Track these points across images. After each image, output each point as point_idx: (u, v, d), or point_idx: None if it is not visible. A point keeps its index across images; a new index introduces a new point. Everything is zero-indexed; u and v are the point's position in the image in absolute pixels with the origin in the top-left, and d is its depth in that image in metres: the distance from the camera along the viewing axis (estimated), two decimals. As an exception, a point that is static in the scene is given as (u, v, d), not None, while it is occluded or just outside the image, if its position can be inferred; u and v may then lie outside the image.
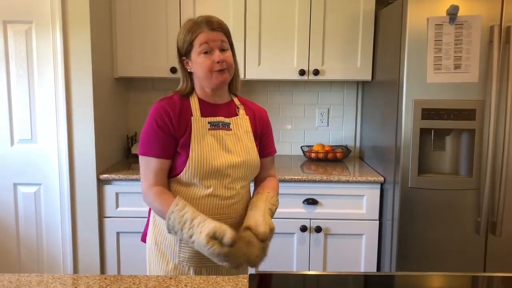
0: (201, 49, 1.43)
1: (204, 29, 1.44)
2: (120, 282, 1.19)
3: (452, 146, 2.29)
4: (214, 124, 1.50)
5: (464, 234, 2.25)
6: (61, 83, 2.37)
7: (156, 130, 1.45)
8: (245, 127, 1.56)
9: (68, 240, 2.48)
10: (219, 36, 1.46)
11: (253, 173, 1.58)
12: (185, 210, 1.36)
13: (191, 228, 1.32)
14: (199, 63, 1.45)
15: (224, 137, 1.50)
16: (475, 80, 2.16)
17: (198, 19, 1.48)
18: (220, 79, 1.46)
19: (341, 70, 2.75)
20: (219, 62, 1.44)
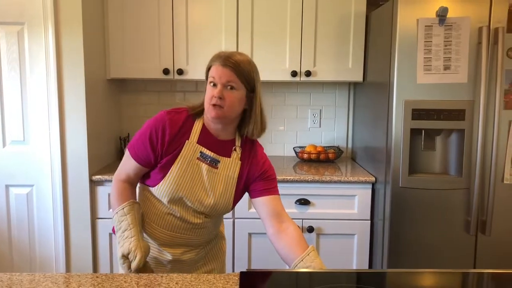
0: (209, 80, 1.46)
1: (217, 62, 1.44)
2: (111, 280, 1.20)
3: (442, 146, 2.32)
4: (204, 156, 1.49)
5: (454, 233, 2.28)
6: (53, 84, 2.37)
7: (146, 139, 1.48)
8: (230, 171, 1.51)
9: (60, 241, 2.48)
10: (227, 74, 1.42)
11: (220, 214, 1.58)
12: (125, 217, 1.46)
13: (120, 236, 1.44)
14: (206, 92, 1.48)
15: (207, 173, 1.49)
16: (464, 80, 2.18)
17: (223, 52, 1.48)
18: (212, 113, 1.44)
19: (333, 71, 2.77)
20: (215, 97, 1.42)
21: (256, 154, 1.56)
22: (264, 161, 1.57)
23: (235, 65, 1.43)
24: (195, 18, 2.72)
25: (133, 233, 1.43)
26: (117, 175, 1.54)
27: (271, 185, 1.55)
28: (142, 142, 1.48)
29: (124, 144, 2.97)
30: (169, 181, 1.46)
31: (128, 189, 1.52)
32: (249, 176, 1.54)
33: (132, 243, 1.41)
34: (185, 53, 2.72)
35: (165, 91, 3.10)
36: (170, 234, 1.53)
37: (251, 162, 1.55)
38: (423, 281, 1.29)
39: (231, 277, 1.23)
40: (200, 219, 1.52)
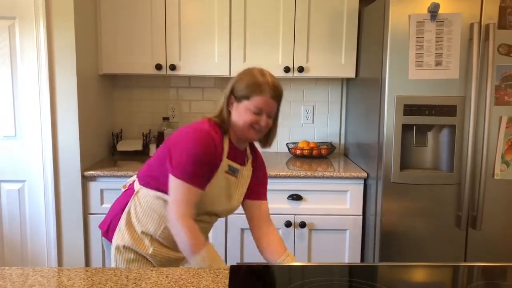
0: (254, 109, 1.48)
1: (267, 94, 1.48)
2: (101, 274, 1.20)
3: (433, 141, 2.33)
4: (231, 169, 1.56)
5: (446, 228, 2.29)
6: (45, 79, 2.36)
7: (204, 162, 1.45)
8: (246, 177, 1.62)
9: (52, 237, 2.47)
10: (274, 107, 1.51)
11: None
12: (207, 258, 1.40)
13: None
14: (243, 116, 1.49)
15: (232, 183, 1.58)
16: (456, 76, 2.19)
17: (265, 78, 1.49)
18: (254, 137, 1.53)
19: (326, 67, 2.77)
20: (260, 125, 1.50)
21: (259, 158, 1.70)
22: (265, 166, 1.73)
23: (280, 97, 1.53)
24: (188, 13, 2.71)
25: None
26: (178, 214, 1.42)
27: (265, 189, 1.71)
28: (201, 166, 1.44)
29: (116, 139, 2.96)
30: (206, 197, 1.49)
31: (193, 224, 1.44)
32: (254, 179, 1.66)
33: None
34: (178, 49, 2.72)
35: (158, 87, 3.09)
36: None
37: (258, 168, 1.68)
38: (415, 274, 1.30)
39: (221, 271, 1.24)
40: (214, 219, 1.63)
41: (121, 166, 2.61)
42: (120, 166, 2.60)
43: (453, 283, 1.26)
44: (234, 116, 1.52)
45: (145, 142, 2.97)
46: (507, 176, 2.25)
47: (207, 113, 3.10)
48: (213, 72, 2.76)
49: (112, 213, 1.65)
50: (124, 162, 2.74)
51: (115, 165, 2.63)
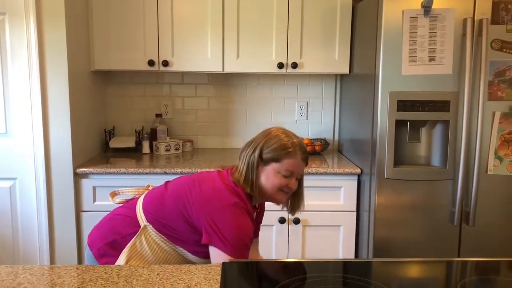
0: (285, 173, 1.47)
1: (298, 158, 1.48)
2: (91, 271, 1.18)
3: (427, 137, 2.33)
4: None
5: (439, 224, 2.29)
6: (35, 76, 2.33)
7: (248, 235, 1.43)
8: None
9: (44, 235, 2.45)
10: (303, 168, 1.53)
11: None
12: None
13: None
14: (272, 179, 1.48)
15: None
16: (449, 72, 2.19)
17: (292, 140, 1.49)
18: (283, 200, 1.54)
19: (319, 63, 2.76)
20: (291, 188, 1.50)
21: (262, 208, 1.71)
22: (264, 207, 1.72)
23: (308, 158, 1.54)
24: (181, 8, 2.69)
25: None
26: None
27: (259, 227, 1.72)
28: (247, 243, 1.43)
29: (109, 136, 2.94)
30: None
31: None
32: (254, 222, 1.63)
33: None
34: (171, 45, 2.70)
35: (151, 83, 3.07)
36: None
37: (260, 209, 1.69)
38: (409, 270, 1.30)
39: (213, 268, 1.23)
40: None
41: (114, 163, 2.59)
42: (112, 163, 2.58)
43: (446, 278, 1.25)
44: (263, 181, 1.50)
45: (138, 139, 2.95)
46: (500, 172, 2.25)
47: (200, 110, 3.10)
48: (206, 68, 2.74)
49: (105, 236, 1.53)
50: (116, 159, 2.72)
51: (108, 162, 2.61)
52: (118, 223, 1.54)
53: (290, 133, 1.52)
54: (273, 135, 1.50)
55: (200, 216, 1.42)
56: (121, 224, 1.53)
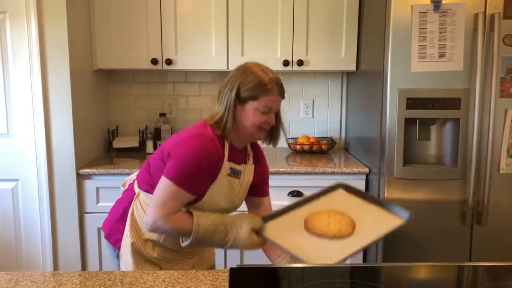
0: (263, 110, 1.45)
1: (275, 94, 1.46)
2: (94, 278, 1.14)
3: (437, 135, 2.27)
4: (233, 172, 1.51)
5: (450, 224, 2.24)
6: (37, 75, 2.29)
7: (204, 169, 1.41)
8: (248, 176, 1.58)
9: (47, 237, 2.41)
10: (280, 103, 1.50)
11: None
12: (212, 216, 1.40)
13: (224, 230, 1.38)
14: (251, 117, 1.46)
15: (235, 186, 1.53)
16: (460, 68, 2.13)
17: (269, 75, 1.46)
18: (261, 137, 1.53)
19: (325, 60, 2.71)
20: (269, 124, 1.49)
21: (260, 154, 1.67)
22: (266, 161, 1.70)
23: (284, 92, 1.51)
24: (184, 6, 2.64)
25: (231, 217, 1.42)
26: (163, 214, 1.38)
27: (267, 185, 1.69)
28: (199, 174, 1.41)
29: (112, 136, 2.90)
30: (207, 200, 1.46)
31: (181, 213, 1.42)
32: (255, 177, 1.61)
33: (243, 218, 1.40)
34: (174, 43, 2.65)
35: (155, 82, 3.02)
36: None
37: (259, 163, 1.64)
38: (419, 275, 1.25)
39: (220, 274, 1.18)
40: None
41: (117, 163, 2.55)
42: (116, 164, 2.54)
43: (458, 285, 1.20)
44: (242, 120, 1.47)
45: (142, 138, 2.91)
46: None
47: (204, 109, 3.05)
48: (210, 66, 2.69)
49: (113, 216, 1.63)
50: (120, 159, 2.68)
51: (111, 163, 2.57)
52: (121, 200, 1.64)
53: (266, 69, 1.48)
54: (249, 73, 1.45)
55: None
56: (123, 200, 1.62)
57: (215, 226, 1.37)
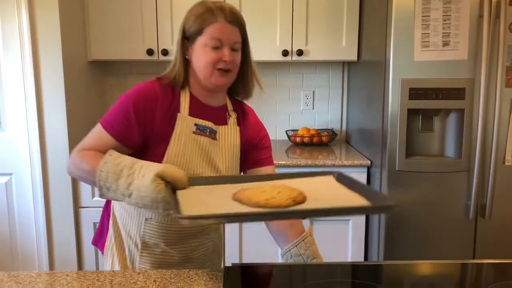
0: (212, 43, 1.23)
1: (221, 19, 1.23)
2: (83, 278, 1.09)
3: (440, 127, 2.21)
4: (201, 128, 1.29)
5: (453, 218, 2.18)
6: (29, 68, 2.23)
7: (130, 113, 1.22)
8: (232, 139, 1.36)
9: (42, 233, 2.36)
10: (235, 34, 1.26)
11: None
12: (122, 158, 1.14)
13: (130, 175, 1.09)
14: (202, 56, 1.25)
15: (211, 147, 1.30)
16: (465, 57, 2.07)
17: (215, 4, 1.26)
18: (221, 81, 1.26)
19: (326, 50, 2.64)
20: (224, 61, 1.24)
21: (249, 117, 1.44)
22: (260, 127, 1.46)
23: (240, 20, 1.27)
24: (180, -5, 2.57)
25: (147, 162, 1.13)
26: (77, 149, 1.26)
27: (267, 154, 1.45)
28: (125, 116, 1.23)
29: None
30: (170, 161, 1.25)
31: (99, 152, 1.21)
32: (246, 144, 1.40)
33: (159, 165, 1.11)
34: (170, 33, 2.58)
35: (151, 73, 2.92)
36: (176, 226, 1.32)
37: (247, 126, 1.41)
38: (421, 272, 1.20)
39: (215, 273, 1.13)
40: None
41: (113, 157, 2.50)
42: (112, 157, 2.48)
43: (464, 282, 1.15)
44: (195, 62, 1.27)
45: (139, 131, 2.85)
46: (518, 162, 2.14)
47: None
48: (207, 57, 2.62)
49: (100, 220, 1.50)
50: (116, 152, 2.62)
51: (107, 156, 2.52)
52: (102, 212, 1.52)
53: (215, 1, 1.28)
54: (191, 9, 1.30)
55: None
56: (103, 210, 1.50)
57: (120, 169, 1.11)
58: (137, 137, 1.25)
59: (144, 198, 1.07)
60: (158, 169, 1.07)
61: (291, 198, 1.01)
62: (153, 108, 1.25)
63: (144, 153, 1.27)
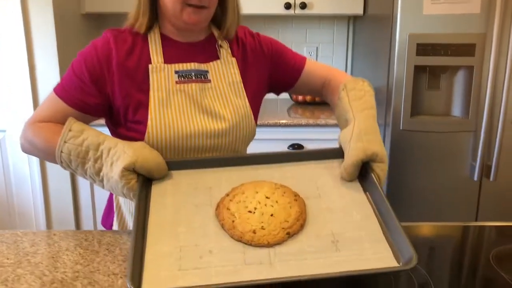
0: None
1: None
2: (70, 238, 1.05)
3: (447, 85, 2.12)
4: (184, 75, 1.07)
5: (458, 179, 2.13)
6: (19, 22, 2.13)
7: (83, 73, 1.03)
8: (230, 75, 1.12)
9: (38, 192, 2.33)
10: None
11: (245, 142, 1.15)
12: (84, 135, 0.96)
13: (97, 159, 0.94)
14: None
15: (200, 93, 1.07)
16: (477, 11, 1.95)
17: None
18: (194, 19, 1.03)
19: (330, 3, 2.51)
20: None
21: (246, 40, 1.18)
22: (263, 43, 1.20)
23: None
24: None
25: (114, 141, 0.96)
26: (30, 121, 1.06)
27: (292, 60, 1.22)
28: (79, 77, 1.04)
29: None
30: (155, 126, 1.03)
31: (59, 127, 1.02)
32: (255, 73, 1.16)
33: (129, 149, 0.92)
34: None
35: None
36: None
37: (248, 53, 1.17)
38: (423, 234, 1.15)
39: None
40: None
41: (110, 114, 2.44)
42: (108, 115, 2.42)
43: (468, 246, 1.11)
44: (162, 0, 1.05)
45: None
46: (527, 122, 2.06)
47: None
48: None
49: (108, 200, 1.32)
50: (113, 110, 2.56)
51: (103, 113, 2.45)
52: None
53: None
54: None
55: None
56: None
57: (85, 151, 0.94)
58: (98, 102, 1.05)
59: (116, 192, 0.94)
60: (126, 160, 0.90)
61: (285, 229, 0.81)
62: (110, 63, 1.04)
63: (122, 121, 1.08)
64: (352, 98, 1.09)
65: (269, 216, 0.83)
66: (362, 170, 0.94)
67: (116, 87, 1.05)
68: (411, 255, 0.73)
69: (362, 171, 0.95)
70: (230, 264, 0.76)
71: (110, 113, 1.11)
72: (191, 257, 0.78)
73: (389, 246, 0.78)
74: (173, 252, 0.79)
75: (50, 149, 0.99)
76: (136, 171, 0.91)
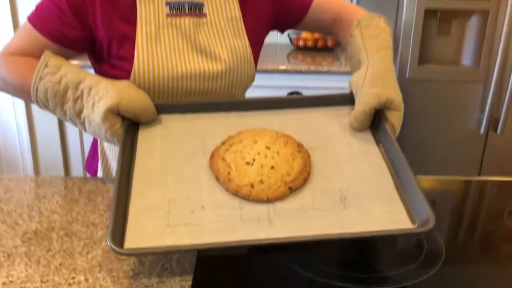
0: None
1: None
2: (48, 185, 0.96)
3: (458, 31, 2.00)
4: (176, 7, 0.95)
5: (463, 131, 2.05)
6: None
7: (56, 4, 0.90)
8: (229, 9, 1.00)
9: (25, 137, 2.24)
10: None
11: (243, 87, 1.06)
12: (62, 70, 0.85)
13: (77, 99, 0.84)
14: None
15: (194, 29, 0.97)
16: None
17: None
18: None
19: None
20: None
21: None
22: None
23: None
24: None
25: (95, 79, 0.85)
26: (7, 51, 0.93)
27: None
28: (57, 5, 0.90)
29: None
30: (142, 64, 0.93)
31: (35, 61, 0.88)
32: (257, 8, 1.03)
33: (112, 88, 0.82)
34: None
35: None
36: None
37: None
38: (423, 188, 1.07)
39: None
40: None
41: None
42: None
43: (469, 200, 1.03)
44: None
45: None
46: (541, 73, 1.95)
47: None
48: None
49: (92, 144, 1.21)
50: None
51: (92, 56, 2.32)
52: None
53: None
54: None
55: None
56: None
57: (63, 89, 0.84)
58: (79, 34, 0.93)
59: (100, 136, 0.85)
60: (109, 101, 0.79)
61: (287, 183, 0.72)
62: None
63: (106, 57, 0.96)
64: (366, 37, 0.96)
65: (269, 169, 0.74)
66: (375, 118, 0.84)
67: (98, 17, 0.92)
68: (427, 216, 0.64)
69: (375, 120, 0.84)
70: (224, 220, 0.68)
71: (93, 48, 0.98)
72: (181, 212, 0.69)
73: (403, 205, 0.70)
74: (161, 205, 0.70)
75: (25, 86, 0.87)
76: (120, 113, 0.82)
